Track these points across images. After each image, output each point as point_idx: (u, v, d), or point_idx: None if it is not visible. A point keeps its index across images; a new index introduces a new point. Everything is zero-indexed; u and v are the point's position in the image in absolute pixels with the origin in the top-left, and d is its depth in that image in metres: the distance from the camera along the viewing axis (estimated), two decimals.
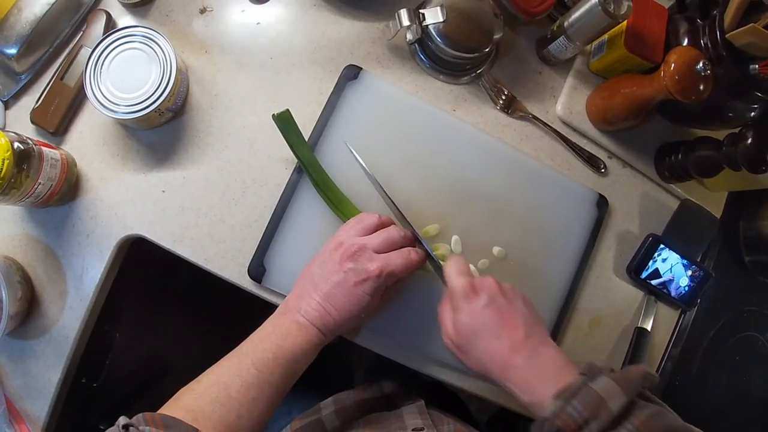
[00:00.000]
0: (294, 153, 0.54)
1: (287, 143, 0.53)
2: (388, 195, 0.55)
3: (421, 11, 0.56)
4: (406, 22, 0.56)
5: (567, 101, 0.64)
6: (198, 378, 0.43)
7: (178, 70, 0.51)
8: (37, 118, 0.55)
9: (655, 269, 0.63)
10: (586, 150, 0.64)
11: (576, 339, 0.62)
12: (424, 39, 0.59)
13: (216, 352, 0.45)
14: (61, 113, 0.54)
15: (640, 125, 0.62)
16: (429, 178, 0.58)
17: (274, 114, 0.52)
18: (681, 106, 0.54)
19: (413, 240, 0.51)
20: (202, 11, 0.59)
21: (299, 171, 0.55)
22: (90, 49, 0.52)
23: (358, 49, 0.61)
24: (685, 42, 0.58)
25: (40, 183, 0.49)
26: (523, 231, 0.60)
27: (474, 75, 0.62)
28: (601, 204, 0.63)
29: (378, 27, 0.61)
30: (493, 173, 0.60)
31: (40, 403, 0.54)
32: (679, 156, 0.63)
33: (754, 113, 0.58)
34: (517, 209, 0.60)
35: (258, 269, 0.54)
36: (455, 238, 0.57)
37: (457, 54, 0.57)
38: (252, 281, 0.54)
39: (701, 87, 0.52)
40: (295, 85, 0.59)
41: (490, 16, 0.58)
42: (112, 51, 0.51)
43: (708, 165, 0.61)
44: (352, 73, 0.58)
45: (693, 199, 0.66)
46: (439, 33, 0.57)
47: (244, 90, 0.58)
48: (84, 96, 0.54)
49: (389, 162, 0.57)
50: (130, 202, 0.55)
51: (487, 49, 0.58)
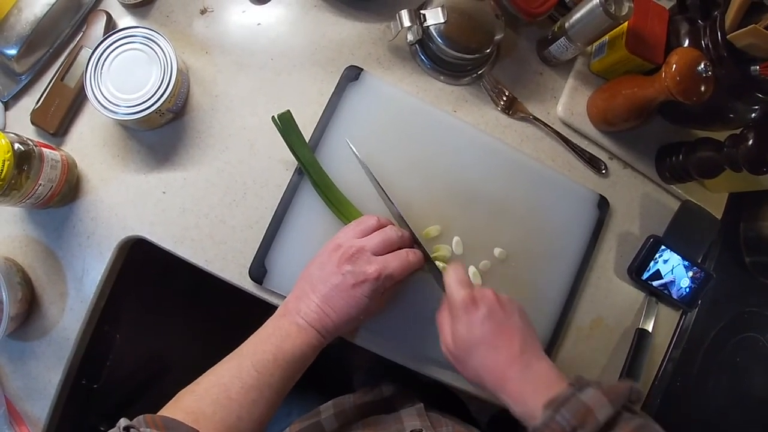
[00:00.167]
0: (294, 154, 0.53)
1: (287, 144, 0.53)
2: (387, 195, 0.55)
3: (422, 12, 0.56)
4: (407, 22, 0.56)
5: (568, 102, 0.64)
6: (198, 380, 0.43)
7: (178, 71, 0.51)
8: (38, 119, 0.54)
9: (656, 270, 0.63)
10: (586, 151, 0.64)
11: (577, 340, 0.62)
12: (425, 40, 0.59)
13: (216, 353, 0.45)
14: (62, 114, 0.54)
15: (641, 126, 0.62)
16: (430, 179, 0.58)
17: (274, 116, 0.52)
18: (682, 107, 0.54)
19: (411, 240, 0.52)
20: (202, 12, 0.59)
21: (300, 172, 0.55)
22: (90, 50, 0.52)
23: (358, 50, 0.60)
24: (686, 43, 0.58)
25: (40, 184, 0.49)
26: (524, 232, 0.60)
27: (475, 76, 0.62)
28: (602, 205, 0.63)
29: (379, 28, 0.61)
30: (494, 174, 0.59)
31: (40, 405, 0.54)
32: (680, 157, 0.63)
33: (755, 114, 0.58)
34: (518, 210, 0.60)
35: (259, 270, 0.54)
36: (456, 239, 0.57)
37: (458, 55, 0.57)
38: (253, 282, 0.54)
39: (702, 88, 0.52)
40: (296, 86, 0.59)
41: (491, 17, 0.58)
42: (112, 52, 0.51)
43: (709, 166, 0.61)
44: (353, 74, 0.58)
45: (694, 200, 0.66)
46: (440, 34, 0.57)
47: (244, 91, 0.58)
48: (84, 97, 0.53)
49: (390, 163, 0.57)
50: (130, 203, 0.55)
51: (488, 50, 0.58)
